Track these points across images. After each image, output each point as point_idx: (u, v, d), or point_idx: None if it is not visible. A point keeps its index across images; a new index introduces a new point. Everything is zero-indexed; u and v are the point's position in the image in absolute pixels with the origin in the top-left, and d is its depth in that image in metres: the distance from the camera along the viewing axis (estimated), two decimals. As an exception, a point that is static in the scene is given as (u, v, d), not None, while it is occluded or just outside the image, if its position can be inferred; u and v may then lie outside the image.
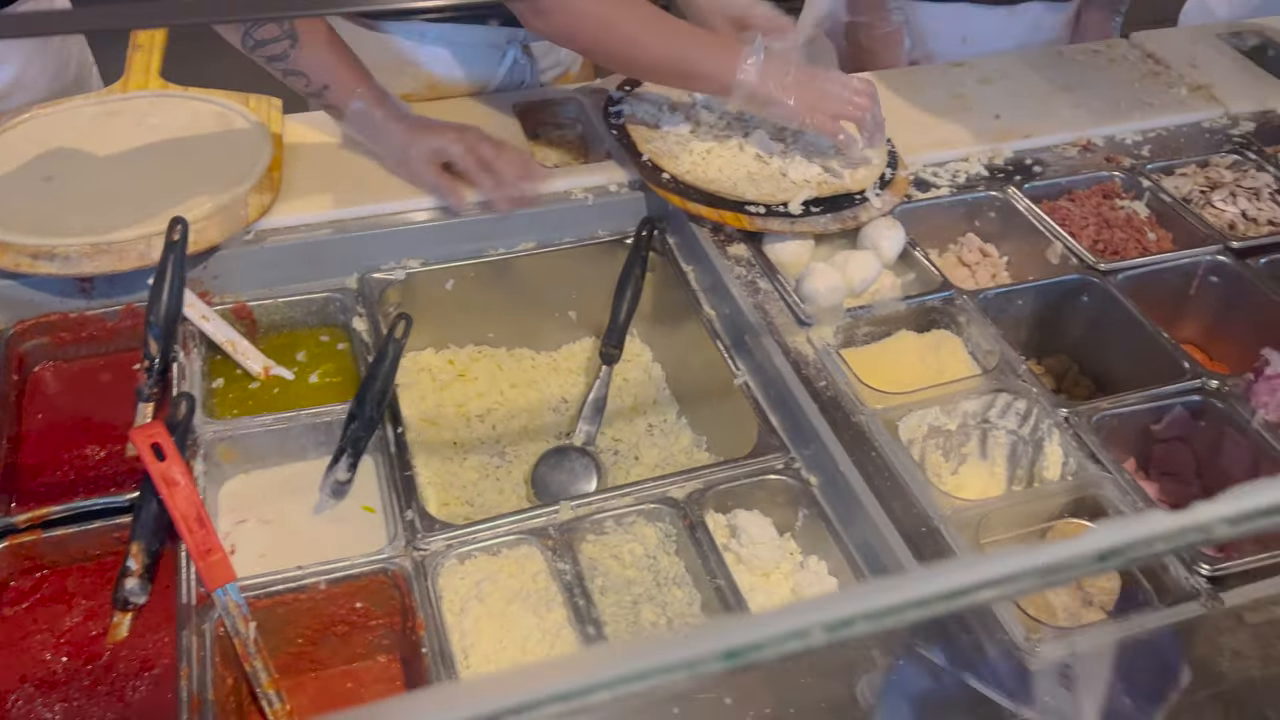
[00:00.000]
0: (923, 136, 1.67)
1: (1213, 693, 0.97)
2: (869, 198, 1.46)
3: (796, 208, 1.42)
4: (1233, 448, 1.23)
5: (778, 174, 1.47)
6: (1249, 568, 1.05)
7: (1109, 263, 1.44)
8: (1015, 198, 1.56)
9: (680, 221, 1.51)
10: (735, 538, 1.16)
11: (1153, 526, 0.47)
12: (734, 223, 1.43)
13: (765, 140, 1.51)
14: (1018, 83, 1.81)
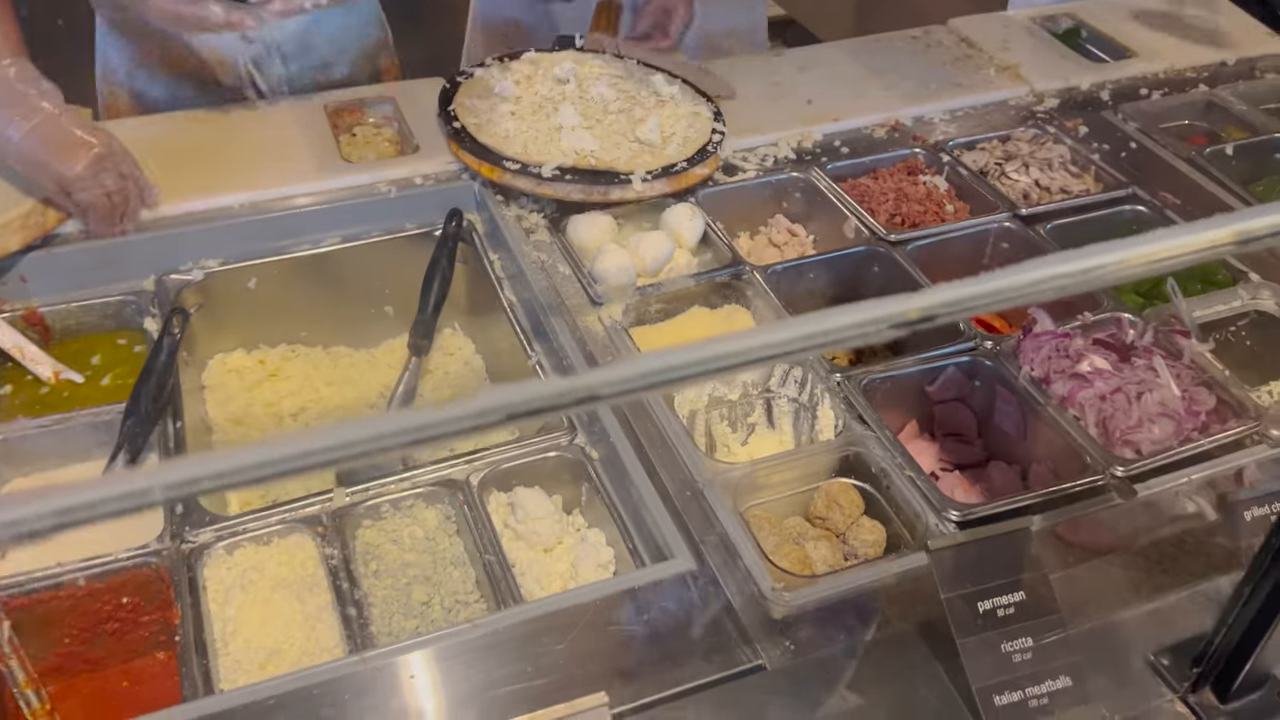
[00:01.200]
0: (734, 124, 1.70)
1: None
2: (632, 179, 1.47)
3: (548, 171, 1.46)
4: (1004, 404, 1.28)
5: (556, 142, 1.51)
6: (990, 513, 1.08)
7: (899, 234, 1.48)
8: (818, 178, 1.60)
9: (489, 211, 1.52)
10: (514, 515, 1.17)
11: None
12: (488, 173, 1.50)
13: (571, 115, 1.54)
14: (833, 69, 1.86)
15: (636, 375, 0.46)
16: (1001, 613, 0.85)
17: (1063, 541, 1.08)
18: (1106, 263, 0.46)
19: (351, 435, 0.42)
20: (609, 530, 1.18)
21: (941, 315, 0.45)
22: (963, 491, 1.24)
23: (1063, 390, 1.23)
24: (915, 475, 1.13)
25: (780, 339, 0.45)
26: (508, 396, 0.43)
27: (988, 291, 0.46)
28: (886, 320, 0.45)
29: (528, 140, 1.52)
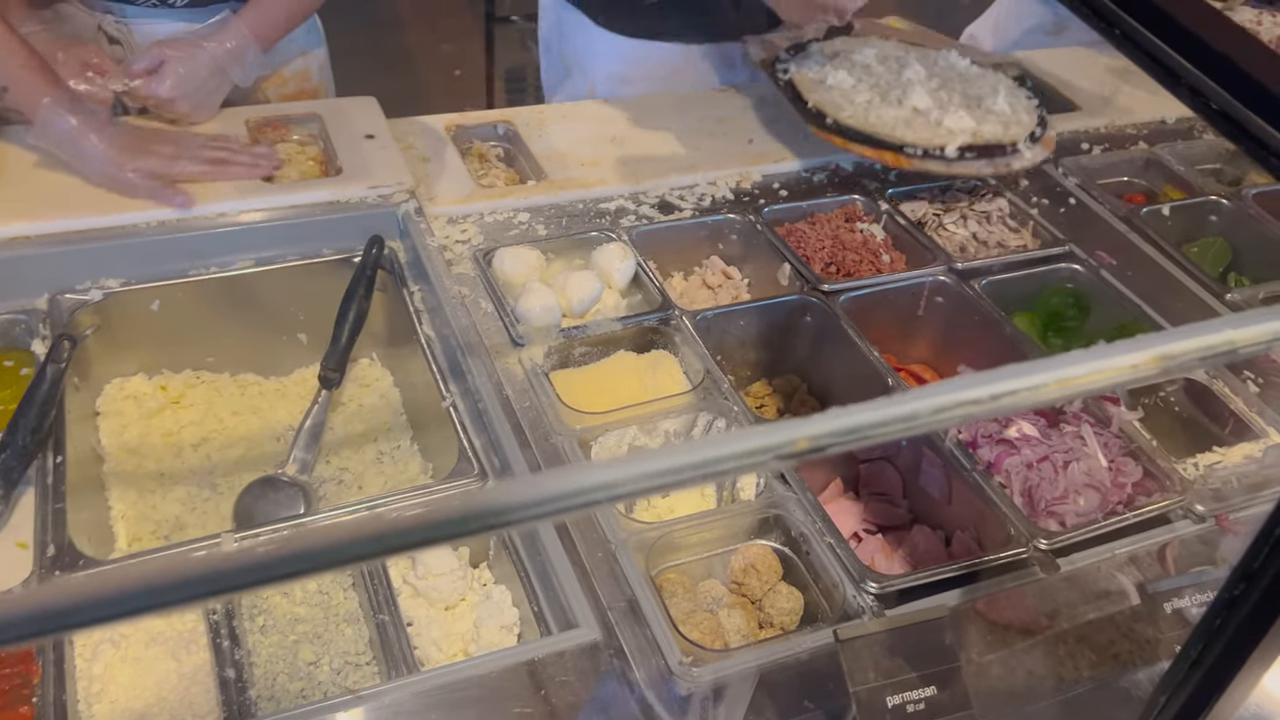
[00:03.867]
0: (673, 161, 1.66)
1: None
2: (1020, 149, 1.57)
3: (953, 151, 1.53)
4: (929, 467, 1.24)
5: (934, 124, 1.57)
6: (908, 585, 1.04)
7: (833, 283, 1.45)
8: (755, 221, 1.56)
9: (412, 239, 1.46)
10: (414, 569, 1.11)
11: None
12: (893, 162, 1.55)
13: (922, 94, 1.59)
14: (779, 109, 1.83)
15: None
16: (911, 708, 0.81)
17: (983, 618, 1.05)
18: (1018, 388, 0.42)
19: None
20: (516, 589, 1.12)
21: (833, 446, 0.41)
22: (884, 557, 1.20)
23: (989, 456, 1.20)
24: (835, 542, 1.09)
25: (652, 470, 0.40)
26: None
27: (887, 418, 0.41)
28: (773, 450, 0.40)
29: (898, 125, 1.56)
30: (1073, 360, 0.44)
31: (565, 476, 0.43)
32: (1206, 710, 0.71)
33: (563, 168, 1.62)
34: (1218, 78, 0.62)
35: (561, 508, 0.42)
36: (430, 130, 1.67)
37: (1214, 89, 0.62)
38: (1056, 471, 1.18)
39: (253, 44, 1.56)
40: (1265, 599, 0.65)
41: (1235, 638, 0.67)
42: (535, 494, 0.40)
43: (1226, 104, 0.61)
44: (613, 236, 1.47)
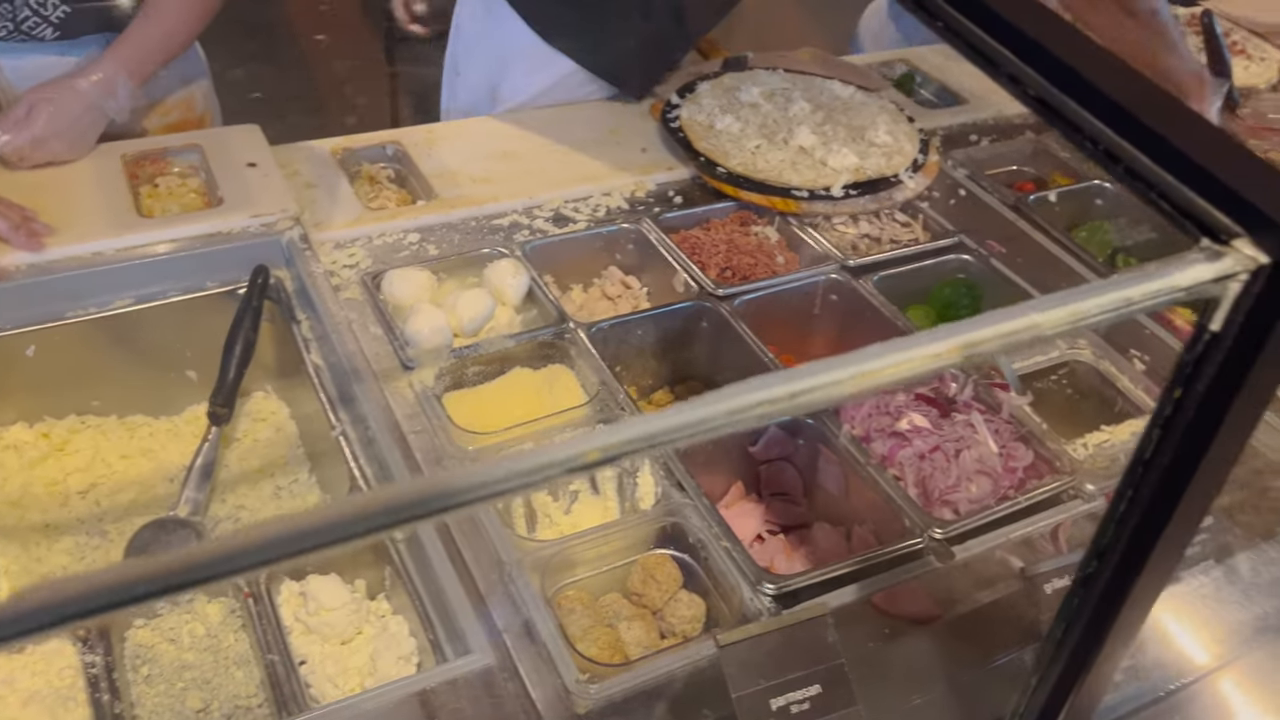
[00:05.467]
0: (567, 172, 1.66)
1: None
2: (903, 179, 1.64)
3: (838, 190, 1.59)
4: (826, 464, 1.25)
5: (819, 163, 1.63)
6: (805, 584, 1.05)
7: (726, 288, 1.45)
8: (649, 229, 1.56)
9: (298, 269, 1.43)
10: (306, 606, 1.08)
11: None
12: (783, 207, 1.59)
13: (806, 133, 1.65)
14: (671, 115, 1.83)
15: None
16: (796, 709, 0.81)
17: (879, 611, 1.05)
18: (814, 385, 0.42)
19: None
20: (413, 619, 1.10)
21: (625, 454, 0.40)
22: (784, 557, 1.20)
23: (882, 449, 1.21)
24: (731, 545, 1.09)
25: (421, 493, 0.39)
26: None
27: (681, 424, 0.41)
28: (564, 464, 0.39)
29: (784, 169, 1.62)
30: (871, 355, 0.44)
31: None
32: (1075, 688, 0.72)
33: (454, 185, 1.60)
34: (1034, 64, 0.63)
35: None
36: (317, 155, 1.64)
37: (1032, 76, 0.63)
38: (948, 460, 1.19)
39: (124, 77, 1.51)
40: (1116, 575, 0.66)
41: (1094, 615, 0.68)
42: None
43: (1043, 90, 0.62)
44: (505, 252, 1.46)
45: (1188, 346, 0.57)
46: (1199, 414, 0.58)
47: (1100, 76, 0.60)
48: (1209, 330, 0.55)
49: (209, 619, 1.07)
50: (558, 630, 0.99)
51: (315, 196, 1.55)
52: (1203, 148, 0.56)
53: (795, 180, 1.62)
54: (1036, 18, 0.64)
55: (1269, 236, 0.52)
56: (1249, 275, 0.52)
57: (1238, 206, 0.53)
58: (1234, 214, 0.54)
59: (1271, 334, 0.54)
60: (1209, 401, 0.57)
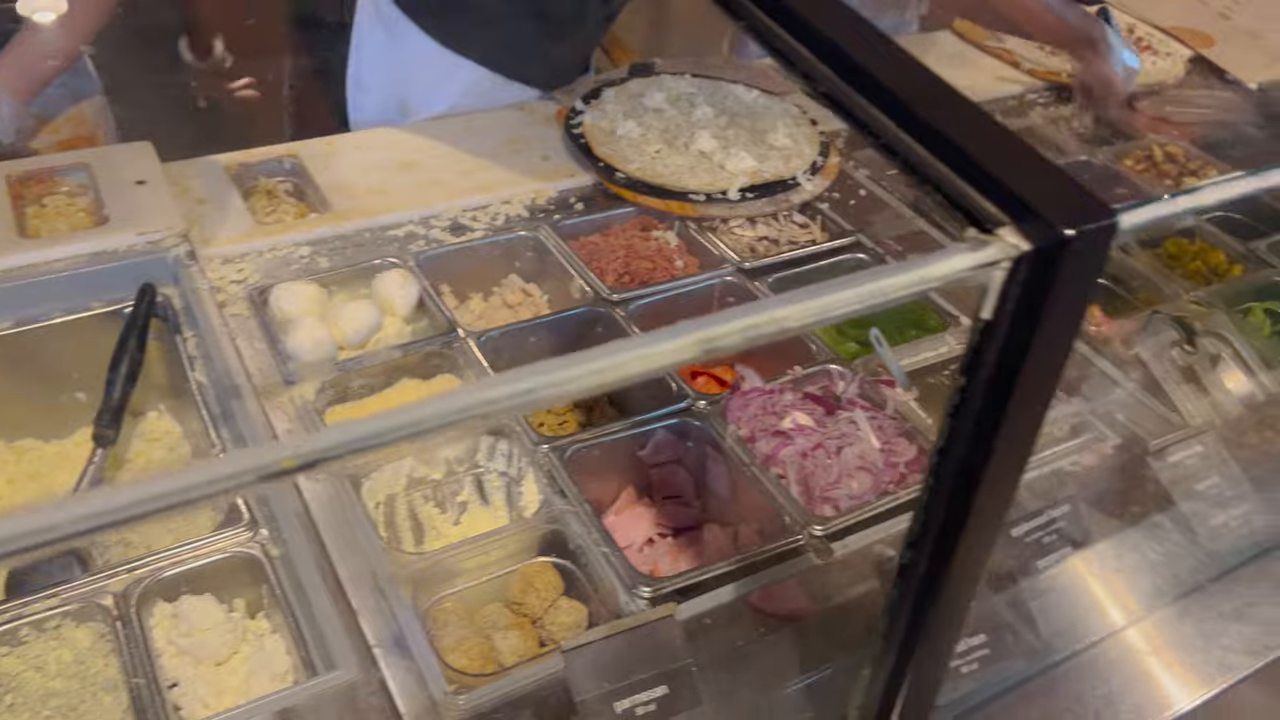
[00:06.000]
0: (467, 182, 1.65)
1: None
2: (801, 181, 1.65)
3: (734, 194, 1.60)
4: (714, 465, 1.25)
5: (717, 166, 1.64)
6: (682, 586, 1.05)
7: (622, 293, 1.45)
8: (547, 237, 1.56)
9: (184, 286, 1.41)
10: (177, 627, 1.06)
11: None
12: (680, 211, 1.59)
13: (707, 138, 1.67)
14: (575, 122, 1.83)
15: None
16: (642, 710, 0.81)
17: (756, 610, 1.06)
18: (538, 384, 0.41)
19: None
20: (290, 636, 1.08)
21: (322, 461, 0.40)
22: (670, 560, 1.20)
23: (766, 449, 1.22)
24: (610, 551, 1.08)
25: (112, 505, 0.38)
26: None
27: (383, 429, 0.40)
28: (255, 471, 0.39)
29: (683, 173, 1.63)
30: (608, 352, 0.44)
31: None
32: (906, 679, 0.72)
33: (349, 197, 1.59)
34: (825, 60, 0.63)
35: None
36: (211, 170, 1.62)
37: (823, 71, 0.63)
38: (830, 458, 1.20)
39: (6, 96, 1.49)
40: (931, 565, 0.66)
41: (915, 606, 0.69)
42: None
43: (832, 85, 0.62)
44: (395, 263, 1.45)
45: (968, 337, 0.58)
46: (986, 402, 0.58)
47: (883, 72, 0.60)
48: (982, 319, 0.56)
49: (77, 644, 1.04)
50: (427, 642, 0.98)
51: (206, 212, 1.53)
52: (976, 140, 0.57)
53: (693, 184, 1.62)
54: (831, 15, 0.65)
55: (1032, 224, 0.53)
56: (1011, 263, 0.53)
57: (1003, 196, 0.54)
58: (1000, 203, 0.54)
59: (1042, 319, 0.54)
60: (994, 389, 0.58)
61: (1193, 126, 2.05)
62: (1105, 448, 1.26)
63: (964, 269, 0.52)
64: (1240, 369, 1.39)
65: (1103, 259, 0.54)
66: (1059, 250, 0.52)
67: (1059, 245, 0.52)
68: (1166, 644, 0.99)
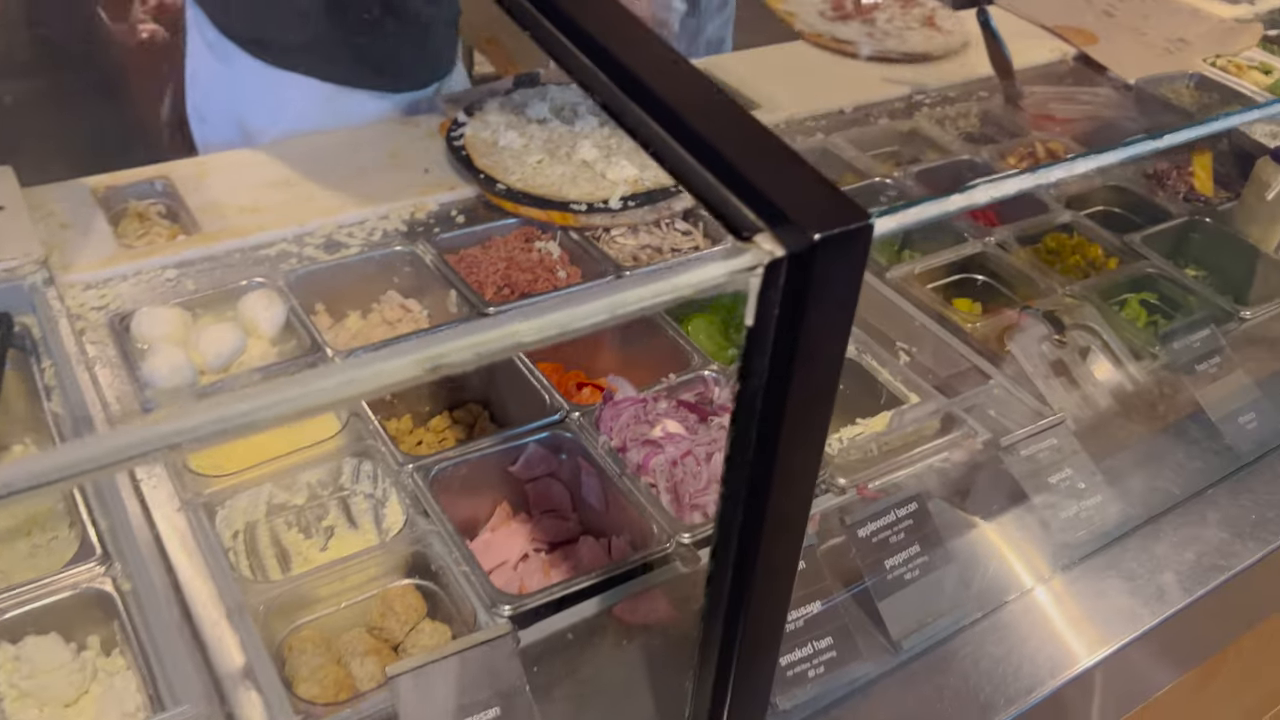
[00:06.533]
0: (343, 198, 1.62)
1: None
2: (680, 191, 1.64)
3: (616, 203, 1.59)
4: (587, 477, 1.24)
5: (599, 175, 1.63)
6: (543, 602, 1.03)
7: (499, 306, 1.44)
8: (424, 251, 1.54)
9: (42, 314, 1.37)
10: (19, 669, 1.02)
11: None
12: (561, 220, 1.59)
13: (589, 147, 1.66)
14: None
15: None
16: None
17: (620, 622, 1.05)
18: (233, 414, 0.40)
19: None
20: (141, 673, 1.05)
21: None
22: (543, 575, 1.19)
23: (637, 458, 1.21)
24: (470, 570, 1.07)
25: None
26: None
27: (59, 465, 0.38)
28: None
29: (564, 183, 1.62)
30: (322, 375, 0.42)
31: None
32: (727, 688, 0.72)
33: (220, 218, 1.55)
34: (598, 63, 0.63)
35: None
36: (76, 194, 1.58)
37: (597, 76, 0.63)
38: (700, 464, 1.19)
39: None
40: (736, 573, 0.66)
41: (728, 615, 0.68)
42: None
43: (606, 91, 0.62)
44: (262, 283, 1.42)
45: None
46: (764, 409, 0.58)
47: (654, 78, 0.60)
48: (746, 325, 0.55)
49: (-90, 691, 1.00)
50: (276, 673, 0.95)
51: (69, 238, 1.48)
52: (738, 147, 0.56)
53: (574, 194, 1.61)
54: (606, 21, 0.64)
55: (786, 230, 0.53)
56: (765, 269, 0.53)
57: (760, 203, 0.54)
58: (758, 210, 0.54)
59: (804, 323, 0.54)
60: (769, 395, 0.57)
61: (1074, 123, 2.09)
62: (975, 443, 1.27)
63: (718, 276, 0.52)
64: (1109, 360, 1.41)
65: (861, 261, 0.54)
66: (812, 254, 0.52)
67: (811, 249, 0.51)
68: (1021, 637, 1.00)
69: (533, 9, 0.65)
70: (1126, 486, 1.15)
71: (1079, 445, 1.12)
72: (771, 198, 0.53)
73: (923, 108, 2.08)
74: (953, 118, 2.06)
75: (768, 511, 0.61)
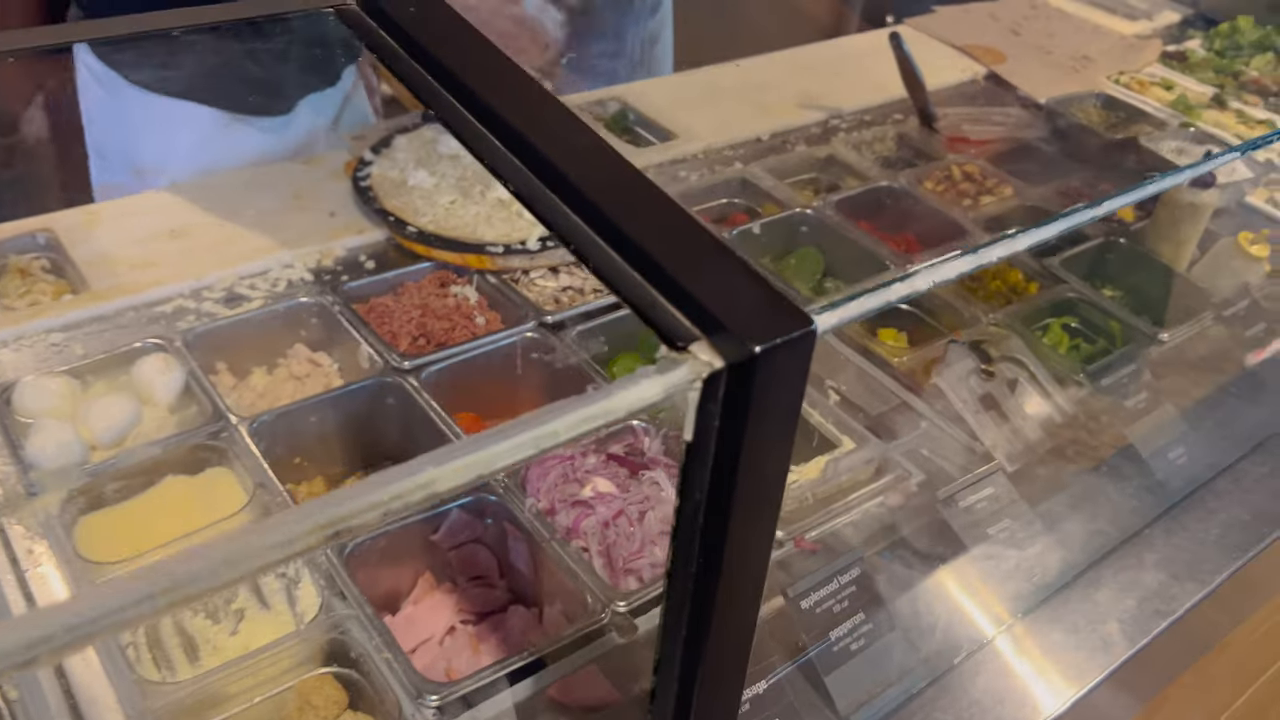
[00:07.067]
0: (243, 246, 1.54)
1: None
2: None
3: (534, 243, 1.51)
4: (514, 542, 1.18)
5: (515, 215, 1.55)
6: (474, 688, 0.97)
7: (414, 359, 1.37)
8: (332, 302, 1.46)
9: (-89, 388, 1.25)
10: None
11: None
12: (478, 264, 1.51)
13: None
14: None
15: None
16: None
17: (557, 705, 0.99)
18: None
19: None
20: (30, 791, 0.96)
21: None
22: (471, 652, 1.12)
23: (567, 521, 1.16)
24: (393, 656, 1.00)
25: None
26: None
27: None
28: None
29: (479, 223, 1.55)
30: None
31: None
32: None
33: (110, 273, 1.45)
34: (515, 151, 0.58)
35: None
36: (-52, 252, 1.46)
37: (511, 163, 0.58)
38: (633, 525, 1.14)
39: None
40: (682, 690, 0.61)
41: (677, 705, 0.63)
42: None
43: (523, 181, 0.57)
44: (159, 344, 1.33)
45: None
46: (706, 524, 0.53)
47: (576, 170, 0.55)
48: (684, 440, 0.51)
49: None
50: (182, 789, 0.87)
51: (-61, 301, 1.37)
52: (669, 247, 0.52)
53: (490, 235, 1.55)
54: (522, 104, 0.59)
55: (725, 340, 0.48)
56: (703, 383, 0.48)
57: (695, 308, 0.49)
58: (693, 316, 0.49)
59: (746, 435, 0.49)
60: (711, 509, 0.53)
61: (989, 144, 2.11)
62: (910, 485, 1.25)
63: (654, 394, 0.47)
64: (1037, 392, 1.41)
65: (805, 367, 0.50)
66: (753, 365, 0.47)
67: (751, 361, 0.47)
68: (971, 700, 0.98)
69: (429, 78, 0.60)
70: (1065, 532, 1.14)
71: (1016, 494, 1.11)
72: (706, 304, 0.48)
73: (839, 132, 2.08)
74: (869, 142, 2.06)
75: (711, 629, 0.57)
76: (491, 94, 0.58)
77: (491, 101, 0.58)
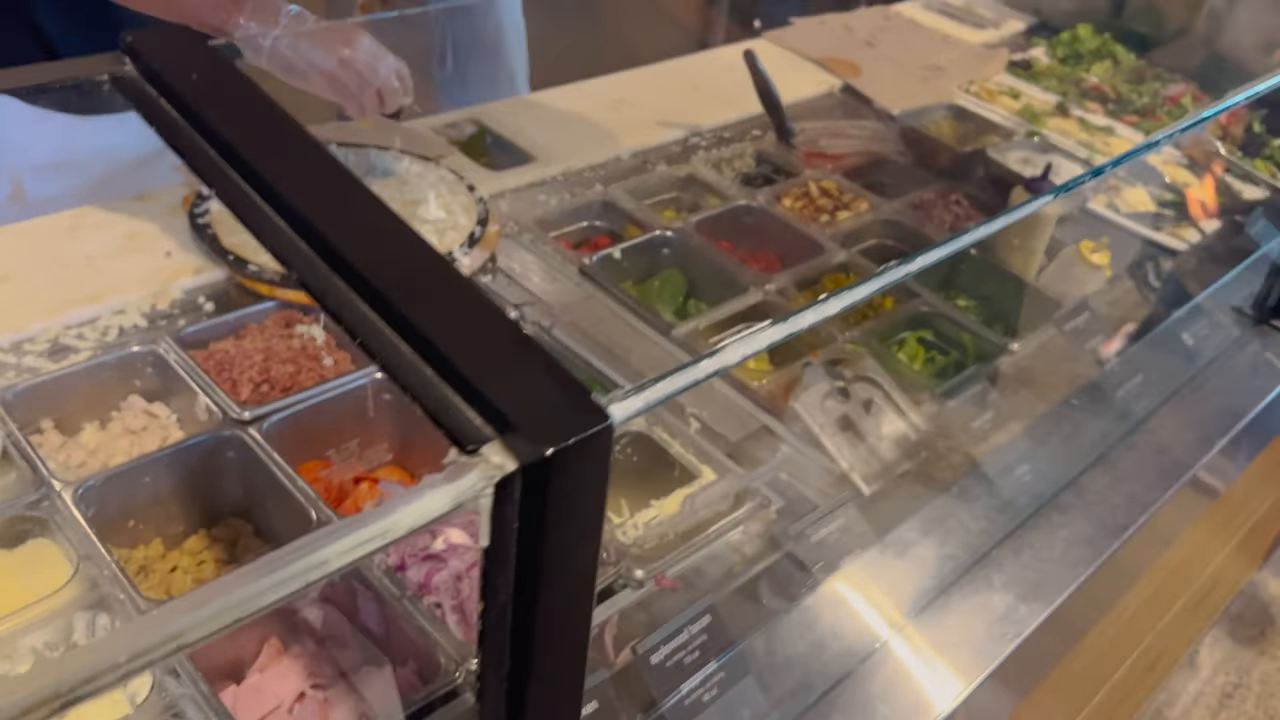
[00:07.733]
0: (69, 293, 1.44)
1: None
2: (456, 256, 1.53)
3: None
4: (365, 601, 1.13)
5: None
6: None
7: (255, 409, 1.30)
8: (167, 350, 1.38)
9: None
10: None
11: None
12: (312, 300, 1.34)
13: None
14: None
15: None
16: None
17: (407, 775, 0.95)
18: None
19: None
20: None
21: None
22: (321, 719, 1.07)
23: (418, 576, 1.11)
24: (230, 739, 0.94)
25: None
26: None
27: None
28: None
29: None
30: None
31: None
32: None
33: (-85, 329, 1.34)
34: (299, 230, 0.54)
35: None
36: None
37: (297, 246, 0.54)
38: (488, 577, 1.11)
39: None
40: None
41: None
42: None
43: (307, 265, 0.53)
44: (-29, 410, 1.23)
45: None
46: (516, 626, 0.50)
47: (360, 251, 0.52)
48: (481, 545, 0.48)
49: None
50: None
51: None
52: (458, 338, 0.49)
53: None
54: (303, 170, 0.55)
55: (517, 440, 0.46)
56: (494, 488, 0.45)
57: (484, 406, 0.47)
58: (484, 414, 0.47)
59: (546, 541, 0.47)
60: (519, 610, 0.50)
61: (845, 158, 2.14)
62: (769, 513, 1.25)
63: (443, 505, 0.44)
64: (892, 411, 1.43)
65: (605, 460, 0.48)
66: (548, 466, 0.45)
67: (546, 462, 0.45)
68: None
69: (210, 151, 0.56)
70: (918, 557, 1.15)
71: (868, 524, 1.12)
72: (495, 401, 0.46)
73: (699, 150, 2.08)
74: (729, 159, 2.07)
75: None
76: (274, 169, 0.54)
77: (272, 177, 0.54)
